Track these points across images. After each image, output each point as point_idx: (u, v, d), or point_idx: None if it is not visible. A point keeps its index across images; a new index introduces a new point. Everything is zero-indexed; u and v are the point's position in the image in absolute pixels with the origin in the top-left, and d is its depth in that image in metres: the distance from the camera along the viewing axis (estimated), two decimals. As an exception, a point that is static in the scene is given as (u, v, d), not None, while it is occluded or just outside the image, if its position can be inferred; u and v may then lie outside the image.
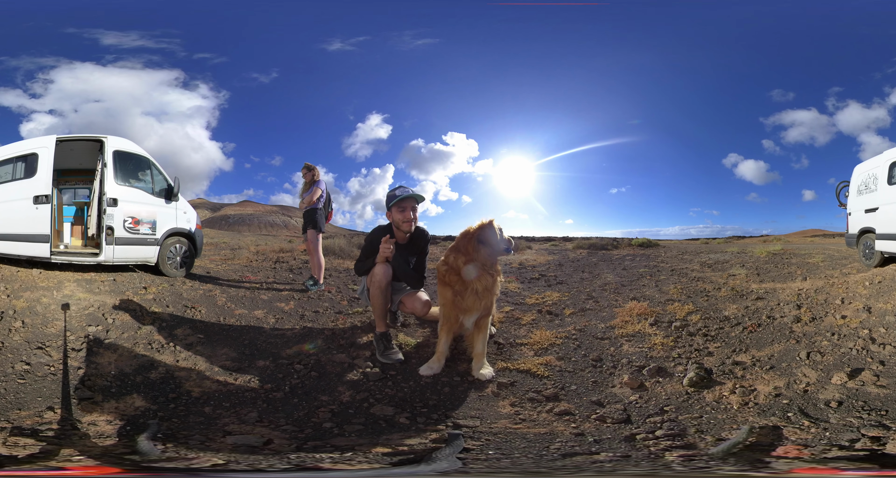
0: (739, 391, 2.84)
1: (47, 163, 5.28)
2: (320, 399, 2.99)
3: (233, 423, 2.64)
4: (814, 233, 20.36)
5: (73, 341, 3.62)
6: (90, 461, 2.02)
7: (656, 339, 3.87)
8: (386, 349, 3.54)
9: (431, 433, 2.51)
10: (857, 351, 3.17)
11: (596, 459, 2.11)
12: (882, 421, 2.31)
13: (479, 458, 2.10)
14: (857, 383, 2.74)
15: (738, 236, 19.63)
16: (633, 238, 14.58)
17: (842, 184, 7.49)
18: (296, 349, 3.82)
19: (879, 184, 6.24)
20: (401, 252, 3.58)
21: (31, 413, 2.60)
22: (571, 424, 2.64)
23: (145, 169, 5.95)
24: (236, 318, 4.56)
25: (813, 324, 3.86)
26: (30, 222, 5.14)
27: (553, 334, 4.08)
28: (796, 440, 2.20)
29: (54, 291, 4.57)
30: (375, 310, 3.57)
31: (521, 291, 6.10)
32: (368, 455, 2.18)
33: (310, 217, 6.01)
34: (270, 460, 2.09)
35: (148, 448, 2.14)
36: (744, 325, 4.05)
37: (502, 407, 2.88)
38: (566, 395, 3.03)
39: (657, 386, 3.07)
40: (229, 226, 29.93)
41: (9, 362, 3.17)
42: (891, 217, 5.92)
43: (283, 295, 5.53)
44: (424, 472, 1.82)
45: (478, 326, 3.30)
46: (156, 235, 5.85)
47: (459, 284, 3.23)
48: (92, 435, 2.40)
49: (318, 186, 6.04)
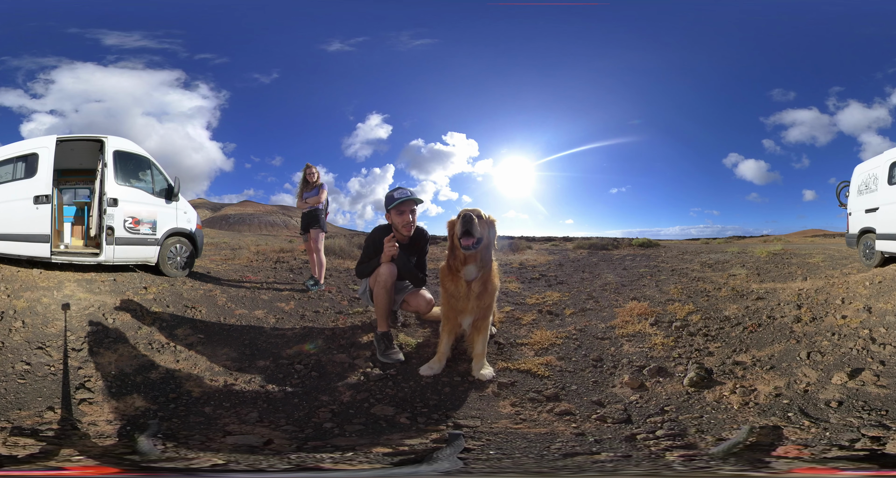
0: (740, 391, 2.84)
1: (48, 163, 5.28)
2: (321, 399, 2.99)
3: (233, 423, 2.63)
4: (814, 233, 20.35)
5: (73, 341, 3.62)
6: (90, 461, 2.02)
7: (657, 339, 3.87)
8: (387, 349, 3.54)
9: (432, 433, 2.51)
10: (857, 351, 3.16)
11: (597, 459, 2.11)
12: (882, 421, 2.31)
13: (480, 458, 2.10)
14: (858, 383, 2.74)
15: (739, 236, 19.63)
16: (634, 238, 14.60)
17: (842, 184, 7.49)
18: (296, 349, 3.81)
19: (880, 184, 6.24)
20: (402, 252, 3.58)
21: (31, 413, 2.60)
22: (572, 424, 2.64)
23: (146, 169, 5.95)
24: (237, 318, 4.56)
25: (813, 324, 3.86)
26: (30, 222, 5.14)
27: (553, 334, 4.08)
28: (796, 440, 2.20)
29: (55, 292, 4.57)
30: (378, 310, 3.56)
31: (522, 291, 6.10)
32: (369, 455, 2.18)
33: (313, 217, 6.01)
34: (271, 460, 2.08)
35: (148, 448, 2.14)
36: (744, 325, 4.05)
37: (503, 407, 2.88)
38: (567, 395, 3.03)
39: (657, 386, 3.07)
40: (230, 226, 29.93)
41: (9, 362, 3.17)
42: (891, 217, 5.92)
43: (283, 295, 5.53)
44: (425, 472, 1.82)
45: (477, 327, 3.29)
46: (156, 235, 5.85)
47: (453, 286, 3.20)
48: (92, 435, 2.40)
49: (324, 187, 6.05)
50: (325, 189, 6.04)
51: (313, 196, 5.99)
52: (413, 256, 3.70)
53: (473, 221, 3.00)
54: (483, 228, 3.07)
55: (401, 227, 3.55)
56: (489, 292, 3.22)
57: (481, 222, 3.07)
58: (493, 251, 3.22)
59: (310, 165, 6.08)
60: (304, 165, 6.11)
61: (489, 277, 3.21)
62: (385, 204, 3.60)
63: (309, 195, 6.02)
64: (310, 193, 6.02)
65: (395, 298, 3.70)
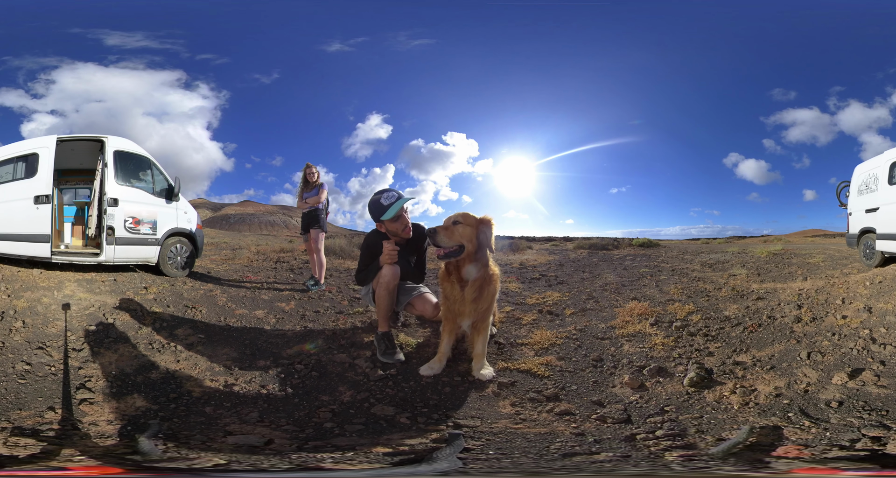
0: (740, 391, 2.84)
1: (48, 163, 5.28)
2: (321, 399, 2.99)
3: (234, 423, 2.64)
4: (815, 233, 20.33)
5: (73, 341, 3.62)
6: (91, 461, 2.02)
7: (657, 339, 3.87)
8: (387, 349, 3.53)
9: (432, 433, 2.51)
10: (857, 351, 3.16)
11: (596, 459, 2.11)
12: (883, 421, 2.31)
13: (480, 458, 2.10)
14: (858, 383, 2.74)
15: (739, 236, 19.62)
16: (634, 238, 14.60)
17: (842, 184, 7.49)
18: (297, 349, 3.82)
19: (880, 184, 6.24)
20: (401, 253, 3.55)
21: (31, 413, 2.61)
22: (572, 424, 2.64)
23: (146, 169, 5.95)
24: (237, 318, 4.56)
25: (813, 324, 3.86)
26: (30, 222, 5.15)
27: (553, 334, 4.08)
28: (797, 440, 2.20)
29: (55, 291, 4.57)
30: (380, 310, 3.55)
31: (522, 291, 6.10)
32: (369, 455, 2.18)
33: (313, 217, 6.01)
34: (271, 459, 2.09)
35: (149, 448, 2.14)
36: (744, 325, 4.05)
37: (503, 407, 2.88)
38: (567, 395, 3.03)
39: (658, 386, 3.07)
40: (230, 226, 29.95)
41: (9, 362, 3.18)
42: (891, 217, 5.92)
43: (283, 295, 5.53)
44: (425, 472, 1.82)
45: (477, 328, 3.28)
46: (156, 235, 5.85)
47: (450, 289, 3.19)
48: (93, 435, 2.40)
49: (324, 187, 6.05)
50: (324, 189, 6.04)
51: (313, 196, 5.99)
52: (412, 255, 3.67)
53: (437, 234, 3.02)
54: (467, 232, 3.06)
55: (400, 232, 3.45)
56: (485, 297, 3.17)
57: (463, 227, 3.05)
58: (487, 251, 3.15)
59: (310, 164, 6.07)
60: (305, 164, 6.12)
61: (485, 281, 3.15)
62: (374, 214, 3.38)
63: (309, 195, 6.01)
64: (310, 193, 6.02)
65: (399, 298, 3.68)
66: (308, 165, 6.06)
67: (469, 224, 3.08)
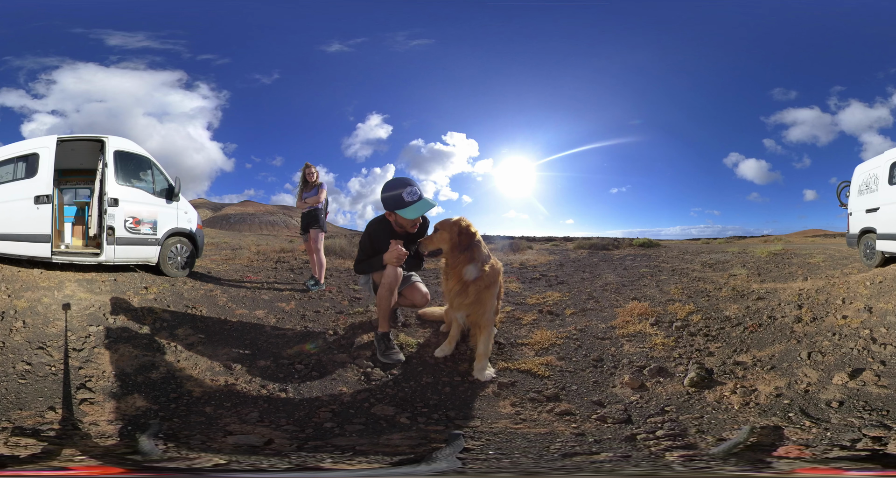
0: (740, 391, 2.84)
1: (48, 163, 5.29)
2: (321, 399, 2.99)
3: (234, 423, 2.64)
4: (815, 233, 20.31)
5: (74, 341, 3.62)
6: (92, 461, 2.02)
7: (657, 339, 3.87)
8: (387, 349, 3.53)
9: (432, 433, 2.51)
10: (858, 351, 3.16)
11: (596, 459, 2.11)
12: (883, 421, 2.31)
13: (480, 458, 2.10)
14: (859, 383, 2.73)
15: (739, 236, 19.59)
16: (634, 238, 14.57)
17: (843, 184, 7.49)
18: (297, 349, 3.82)
19: (880, 184, 6.23)
20: (405, 245, 3.52)
21: (32, 413, 2.61)
22: (572, 424, 2.64)
23: (146, 169, 5.95)
24: (237, 318, 4.56)
25: (814, 324, 3.86)
26: (31, 222, 5.15)
27: (554, 334, 4.08)
28: (797, 440, 2.19)
29: (55, 291, 4.58)
30: (381, 310, 3.55)
31: (522, 291, 6.10)
32: (369, 455, 2.18)
33: (313, 217, 6.01)
34: (271, 459, 2.09)
35: (149, 448, 2.14)
36: (745, 325, 4.05)
37: (503, 407, 2.88)
38: (567, 395, 3.03)
39: (658, 386, 3.06)
40: (230, 226, 29.94)
41: (10, 362, 3.18)
42: (892, 217, 5.92)
43: (284, 295, 5.53)
44: (424, 472, 1.82)
45: (478, 326, 3.30)
46: (157, 235, 5.86)
47: (444, 282, 3.34)
48: (93, 435, 2.40)
49: (323, 187, 6.05)
50: (324, 189, 6.04)
51: (312, 196, 5.99)
52: (413, 245, 3.57)
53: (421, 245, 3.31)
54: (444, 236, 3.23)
55: (408, 227, 3.50)
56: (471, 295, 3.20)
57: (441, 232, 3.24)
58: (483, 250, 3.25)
59: (309, 164, 6.07)
60: (304, 164, 6.12)
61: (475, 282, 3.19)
62: (390, 204, 3.40)
63: (308, 195, 6.01)
64: (309, 193, 6.02)
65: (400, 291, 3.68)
66: (307, 165, 6.06)
67: (444, 228, 3.27)
